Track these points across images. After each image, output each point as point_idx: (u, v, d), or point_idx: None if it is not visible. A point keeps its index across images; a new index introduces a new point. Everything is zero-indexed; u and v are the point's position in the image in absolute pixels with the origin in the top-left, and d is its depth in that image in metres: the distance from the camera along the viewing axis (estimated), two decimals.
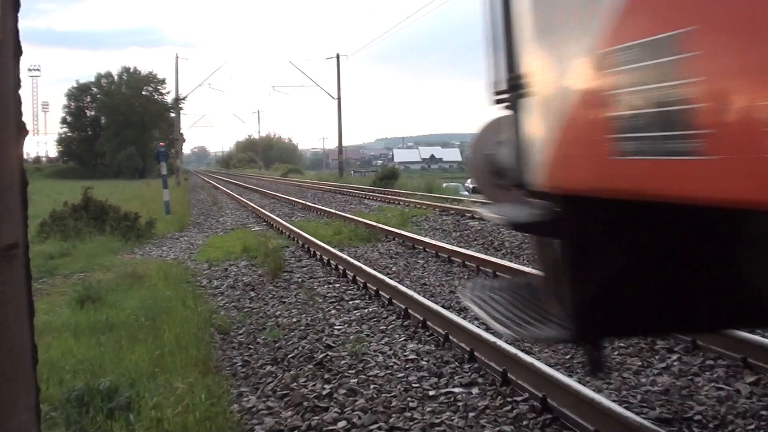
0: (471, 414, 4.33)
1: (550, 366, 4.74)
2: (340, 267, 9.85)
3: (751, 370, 4.92)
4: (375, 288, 8.10)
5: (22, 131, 1.51)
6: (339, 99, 48.45)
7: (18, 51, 1.49)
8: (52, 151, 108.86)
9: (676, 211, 1.91)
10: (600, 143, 2.07)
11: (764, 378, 4.78)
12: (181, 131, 53.09)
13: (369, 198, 26.73)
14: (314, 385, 5.00)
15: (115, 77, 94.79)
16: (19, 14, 1.52)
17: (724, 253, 2.43)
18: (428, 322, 6.37)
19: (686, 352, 5.45)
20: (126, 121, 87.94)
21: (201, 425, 4.09)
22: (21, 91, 1.52)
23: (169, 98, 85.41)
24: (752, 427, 4.05)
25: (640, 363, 5.30)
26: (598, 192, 2.19)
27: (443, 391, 4.79)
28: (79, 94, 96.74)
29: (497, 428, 4.10)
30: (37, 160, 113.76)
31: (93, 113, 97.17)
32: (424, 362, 5.44)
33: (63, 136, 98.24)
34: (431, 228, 15.69)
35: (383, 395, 4.73)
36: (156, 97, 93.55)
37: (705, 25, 1.58)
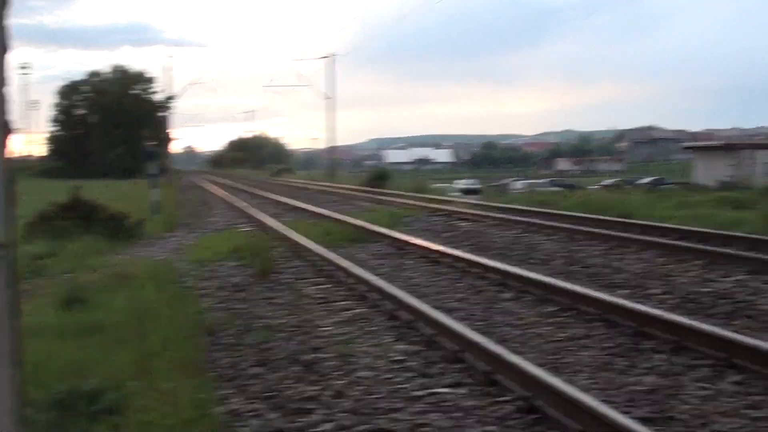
0: (458, 414, 4.33)
1: (537, 366, 4.75)
2: (329, 267, 9.83)
3: (735, 370, 4.96)
4: (364, 289, 8.09)
5: (8, 129, 1.50)
6: (332, 99, 48.46)
7: (3, 48, 1.48)
8: (42, 150, 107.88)
9: None
10: None
11: (748, 377, 4.81)
12: (171, 130, 52.87)
13: (359, 198, 26.71)
14: (301, 387, 4.99)
15: (106, 75, 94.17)
16: (10, 11, 1.51)
17: None
18: (416, 323, 6.37)
19: (672, 352, 5.48)
20: (116, 120, 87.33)
21: (187, 427, 4.07)
22: (10, 89, 1.51)
23: (160, 97, 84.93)
24: (736, 425, 4.08)
25: (626, 363, 5.32)
26: None
27: (430, 391, 4.79)
28: (69, 92, 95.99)
29: (483, 428, 4.10)
30: (26, 158, 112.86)
31: (83, 112, 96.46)
32: (412, 363, 5.44)
33: (53, 134, 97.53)
34: (421, 229, 15.69)
35: (370, 396, 4.72)
36: (147, 96, 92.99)
37: None
